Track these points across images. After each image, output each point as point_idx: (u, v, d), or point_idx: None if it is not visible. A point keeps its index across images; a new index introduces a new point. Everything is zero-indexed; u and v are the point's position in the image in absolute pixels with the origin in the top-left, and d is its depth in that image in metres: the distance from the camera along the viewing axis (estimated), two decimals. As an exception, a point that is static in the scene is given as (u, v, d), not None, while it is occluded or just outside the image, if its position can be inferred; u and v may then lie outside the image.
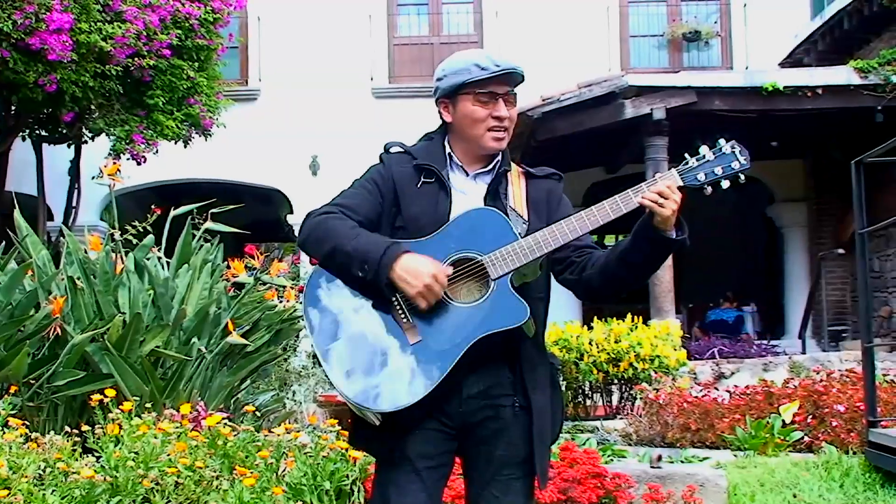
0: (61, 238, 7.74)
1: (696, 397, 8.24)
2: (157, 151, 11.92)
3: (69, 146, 12.93)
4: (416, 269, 3.00)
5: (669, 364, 9.86)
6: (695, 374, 10.96)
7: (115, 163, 7.32)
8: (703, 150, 3.14)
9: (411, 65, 17.01)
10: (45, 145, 12.94)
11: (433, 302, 3.02)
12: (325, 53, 16.52)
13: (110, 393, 5.24)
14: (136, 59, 10.60)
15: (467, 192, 3.27)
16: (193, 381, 6.01)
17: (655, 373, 9.62)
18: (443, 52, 16.70)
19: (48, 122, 12.15)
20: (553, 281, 3.36)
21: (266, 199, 17.52)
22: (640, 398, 9.06)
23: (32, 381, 5.65)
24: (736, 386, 8.81)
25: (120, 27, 10.23)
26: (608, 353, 9.87)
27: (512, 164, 3.39)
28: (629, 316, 10.46)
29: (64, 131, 12.26)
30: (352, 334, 3.08)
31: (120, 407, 5.08)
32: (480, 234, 3.11)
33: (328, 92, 16.28)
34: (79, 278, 6.02)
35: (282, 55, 16.67)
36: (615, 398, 10.21)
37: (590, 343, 9.98)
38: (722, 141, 3.15)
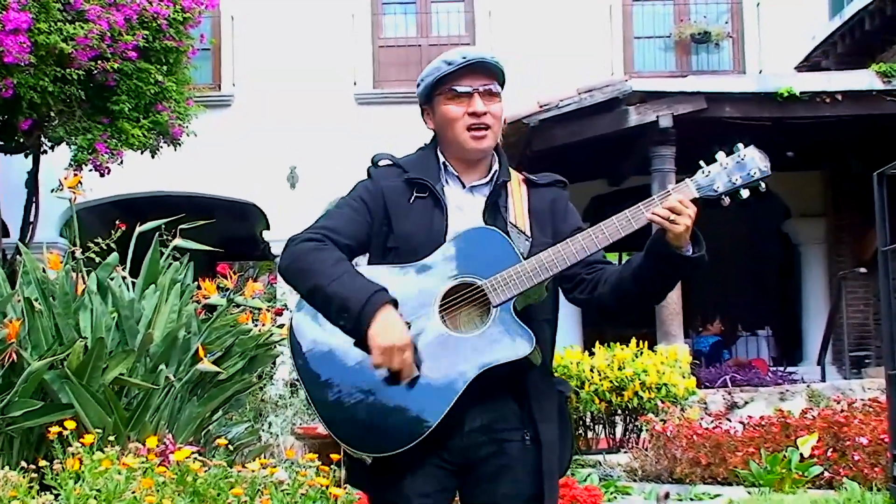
0: (17, 256, 7.73)
1: (706, 429, 8.25)
2: (121, 162, 11.89)
3: (26, 156, 12.89)
4: (391, 329, 2.99)
5: (678, 393, 9.86)
6: (705, 403, 10.97)
7: (76, 174, 7.34)
8: (720, 156, 3.12)
9: (397, 68, 17.01)
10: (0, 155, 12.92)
11: (390, 368, 2.99)
12: (304, 56, 16.51)
13: (70, 425, 5.21)
14: (99, 61, 10.58)
15: (464, 208, 3.26)
16: (161, 412, 6.00)
17: (662, 402, 9.62)
18: (432, 55, 16.60)
19: (3, 130, 12.11)
20: (560, 300, 3.35)
21: (240, 213, 17.50)
22: (646, 430, 9.07)
23: (-15, 412, 5.63)
24: (750, 416, 8.83)
25: (82, 27, 10.22)
26: (611, 381, 9.87)
27: (512, 171, 3.38)
28: (634, 341, 10.46)
29: (21, 140, 12.22)
30: (343, 368, 3.07)
31: (80, 440, 5.06)
32: (480, 256, 3.11)
33: (308, 98, 16.29)
34: (36, 300, 6.01)
35: (257, 58, 16.66)
36: (619, 430, 10.21)
37: (591, 370, 9.98)
38: (740, 146, 3.14)
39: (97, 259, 6.82)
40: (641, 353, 10.26)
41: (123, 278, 6.74)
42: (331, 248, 3.15)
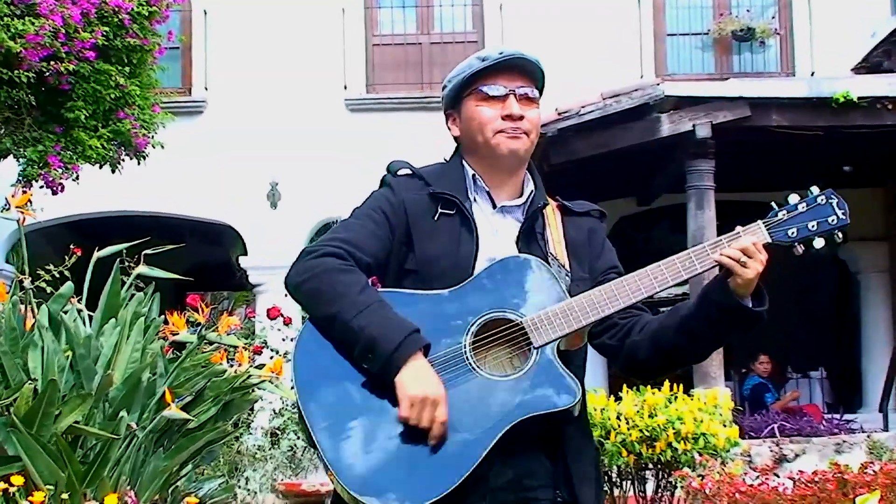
0: (-43, 286, 7.73)
1: (751, 486, 8.23)
2: (77, 177, 11.89)
3: (-33, 171, 12.95)
4: (424, 379, 2.98)
5: (718, 444, 9.84)
6: (749, 456, 10.96)
7: (25, 192, 7.33)
8: (794, 199, 3.17)
9: (395, 70, 17.05)
10: (-63, 170, 12.96)
11: (417, 424, 2.98)
12: (287, 56, 16.55)
13: (18, 480, 5.22)
14: (52, 62, 10.59)
15: (497, 230, 3.27)
16: (122, 466, 5.99)
17: (700, 455, 9.61)
18: (434, 54, 16.78)
19: (-59, 140, 12.17)
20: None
21: (213, 236, 17.53)
22: (681, 487, 9.06)
23: (-81, 466, 5.63)
24: (801, 471, 8.81)
25: (32, 23, 10.24)
26: (641, 431, 9.85)
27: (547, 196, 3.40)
28: (667, 383, 10.44)
29: (-39, 152, 12.28)
30: (356, 409, 3.05)
31: (30, 498, 5.06)
32: (520, 289, 3.12)
33: (291, 104, 16.33)
34: (-22, 336, 6.02)
35: (233, 58, 16.72)
36: (650, 487, 10.19)
37: (618, 418, 9.96)
38: (815, 189, 3.18)
39: (49, 289, 6.82)
40: (676, 397, 10.24)
41: (79, 311, 6.73)
42: (355, 270, 3.14)
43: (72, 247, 7.09)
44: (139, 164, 12.60)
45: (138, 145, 12.26)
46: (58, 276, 6.98)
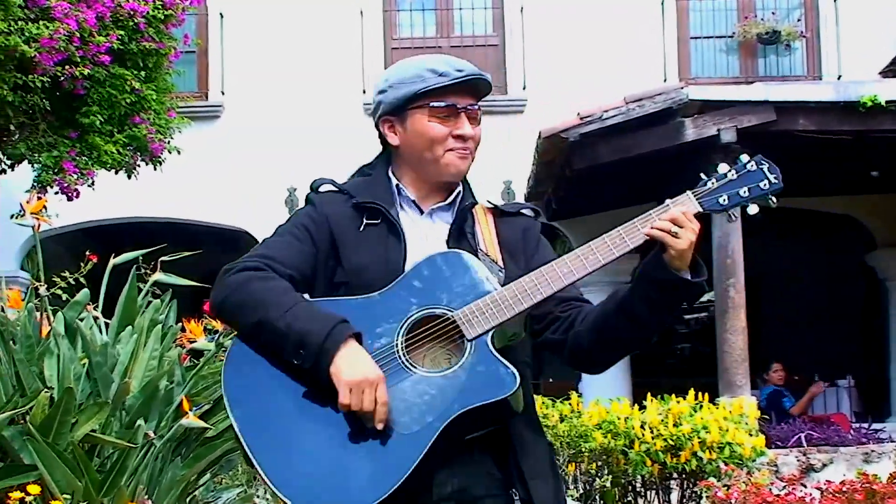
0: (-28, 293, 7.75)
1: (777, 496, 8.22)
2: (92, 183, 11.92)
3: (-18, 176, 12.98)
4: (359, 363, 2.96)
5: (744, 453, 9.82)
6: (776, 465, 10.92)
7: (40, 198, 7.35)
8: (723, 167, 3.17)
9: (414, 73, 17.00)
10: (-49, 176, 12.99)
11: (359, 409, 2.94)
12: (304, 59, 16.56)
13: (34, 489, 5.23)
14: (66, 66, 10.62)
15: (425, 235, 3.27)
16: (139, 475, 6.00)
17: (726, 464, 9.59)
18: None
19: (-45, 146, 12.20)
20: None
21: (230, 242, 17.50)
22: (707, 497, 9.04)
23: (-65, 475, 5.65)
24: (829, 481, 8.78)
25: (47, 27, 10.26)
26: (665, 440, 9.83)
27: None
28: (692, 392, 10.42)
29: (-25, 158, 12.31)
30: (290, 416, 3.04)
31: (46, 507, 5.07)
32: (448, 284, 3.10)
33: (309, 107, 16.32)
34: (-6, 344, 6.03)
35: (250, 61, 16.73)
36: (674, 497, 10.17)
37: (642, 427, 9.94)
38: (745, 157, 3.19)
39: (65, 296, 6.82)
40: (701, 406, 10.22)
41: (95, 319, 6.74)
42: (275, 277, 3.14)
43: (87, 253, 7.10)
44: (155, 169, 12.63)
45: (154, 150, 12.27)
46: (73, 283, 6.97)
